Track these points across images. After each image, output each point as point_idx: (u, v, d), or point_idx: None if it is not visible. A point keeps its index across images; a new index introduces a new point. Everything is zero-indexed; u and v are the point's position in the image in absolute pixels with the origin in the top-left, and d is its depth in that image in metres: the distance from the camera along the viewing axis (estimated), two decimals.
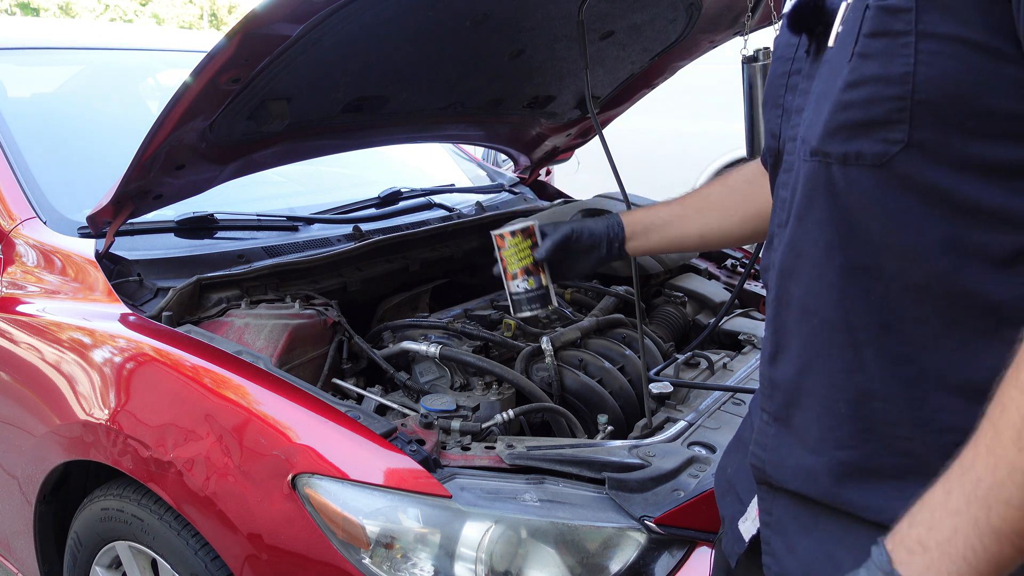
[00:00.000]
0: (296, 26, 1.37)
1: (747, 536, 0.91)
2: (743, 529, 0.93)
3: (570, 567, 1.17)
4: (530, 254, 1.22)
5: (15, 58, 2.28)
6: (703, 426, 1.48)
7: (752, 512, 0.91)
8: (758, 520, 0.88)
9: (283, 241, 1.93)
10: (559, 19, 1.86)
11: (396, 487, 1.20)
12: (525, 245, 1.24)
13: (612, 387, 1.70)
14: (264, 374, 1.37)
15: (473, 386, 1.64)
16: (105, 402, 1.46)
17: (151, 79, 2.58)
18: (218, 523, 1.28)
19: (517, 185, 2.84)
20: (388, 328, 1.85)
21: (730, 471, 1.01)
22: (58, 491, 1.66)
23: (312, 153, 2.04)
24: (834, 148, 0.71)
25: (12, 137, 1.89)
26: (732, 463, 1.01)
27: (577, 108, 2.51)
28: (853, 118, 0.69)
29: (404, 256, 2.17)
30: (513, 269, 1.24)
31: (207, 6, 26.61)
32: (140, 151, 1.49)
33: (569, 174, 5.47)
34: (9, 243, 1.77)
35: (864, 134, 0.68)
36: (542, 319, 2.00)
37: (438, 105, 2.12)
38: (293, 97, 1.67)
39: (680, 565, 1.20)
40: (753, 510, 0.90)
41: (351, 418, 1.27)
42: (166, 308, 1.57)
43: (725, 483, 1.01)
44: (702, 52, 2.35)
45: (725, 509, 0.99)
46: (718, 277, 2.43)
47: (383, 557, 1.18)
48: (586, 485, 1.26)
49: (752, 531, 0.90)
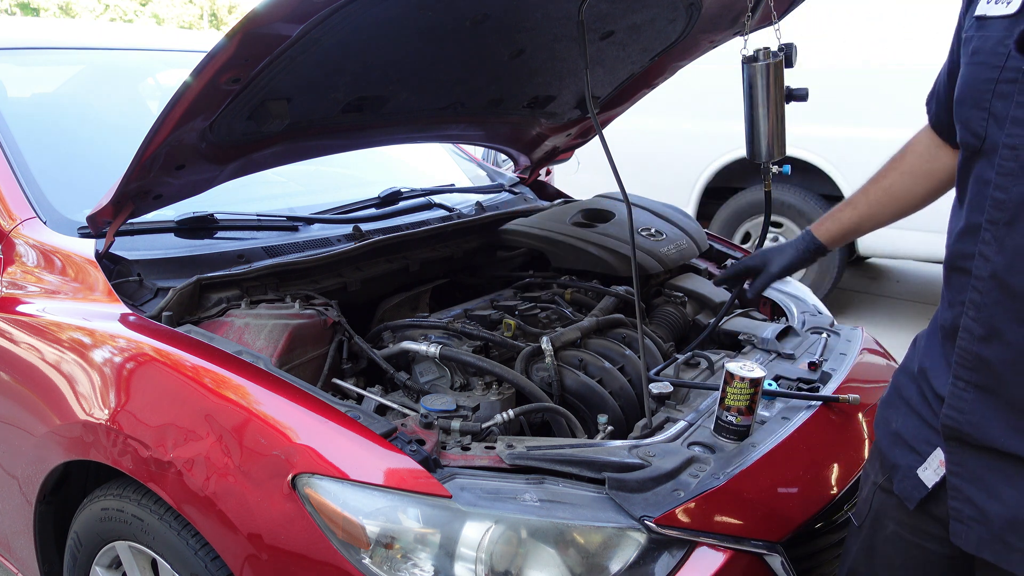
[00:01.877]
0: (296, 26, 1.37)
1: (930, 483, 1.08)
2: (924, 477, 1.09)
3: (570, 567, 1.17)
4: (750, 398, 1.41)
5: (15, 58, 2.28)
6: (703, 426, 1.48)
7: (934, 463, 1.07)
8: (942, 470, 1.05)
9: (283, 241, 1.93)
10: (559, 19, 1.86)
11: (396, 487, 1.20)
12: (750, 391, 1.41)
13: (612, 387, 1.70)
14: (264, 374, 1.37)
15: (473, 386, 1.64)
16: (105, 402, 1.46)
17: (151, 79, 2.58)
18: (218, 523, 1.28)
19: (517, 185, 2.84)
20: (388, 328, 1.85)
21: (895, 425, 1.16)
22: (58, 491, 1.66)
23: (312, 153, 2.04)
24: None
25: (12, 137, 1.89)
26: (895, 419, 1.17)
27: (577, 108, 2.51)
28: None
29: (404, 256, 2.17)
30: (729, 403, 1.43)
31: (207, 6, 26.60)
32: (140, 151, 1.49)
33: (569, 174, 5.48)
34: (9, 243, 1.77)
35: None
36: (542, 319, 2.00)
37: (438, 105, 2.12)
38: (293, 97, 1.67)
39: (680, 565, 1.20)
40: (935, 461, 1.06)
41: (351, 418, 1.27)
42: (166, 308, 1.57)
43: (891, 436, 1.17)
44: (702, 52, 2.35)
45: (897, 458, 1.15)
46: None
47: (383, 557, 1.18)
48: (586, 485, 1.26)
49: (935, 479, 1.06)
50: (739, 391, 1.42)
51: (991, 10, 0.97)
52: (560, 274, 2.34)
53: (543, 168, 2.92)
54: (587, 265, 2.26)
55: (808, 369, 1.76)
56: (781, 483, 1.39)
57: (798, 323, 2.08)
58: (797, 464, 1.46)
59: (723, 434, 1.44)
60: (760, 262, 1.68)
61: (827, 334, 2.00)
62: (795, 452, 1.46)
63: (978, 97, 0.97)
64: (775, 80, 1.77)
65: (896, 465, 1.16)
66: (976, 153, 0.99)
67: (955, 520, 1.04)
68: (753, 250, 2.27)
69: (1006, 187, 0.93)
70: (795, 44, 1.82)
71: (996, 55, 0.94)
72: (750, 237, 5.11)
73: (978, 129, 0.98)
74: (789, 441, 1.47)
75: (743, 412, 1.42)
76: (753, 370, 1.43)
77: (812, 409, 1.58)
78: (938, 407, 1.06)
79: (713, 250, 2.57)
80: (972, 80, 0.99)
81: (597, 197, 2.62)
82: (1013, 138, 0.91)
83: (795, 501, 1.37)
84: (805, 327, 2.05)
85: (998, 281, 0.95)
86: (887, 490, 1.19)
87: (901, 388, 1.19)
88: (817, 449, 1.52)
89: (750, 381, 1.41)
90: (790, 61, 1.81)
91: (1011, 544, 0.99)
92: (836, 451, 1.50)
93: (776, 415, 1.55)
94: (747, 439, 1.43)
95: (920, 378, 1.13)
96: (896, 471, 1.16)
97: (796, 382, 1.69)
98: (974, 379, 1.00)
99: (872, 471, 1.25)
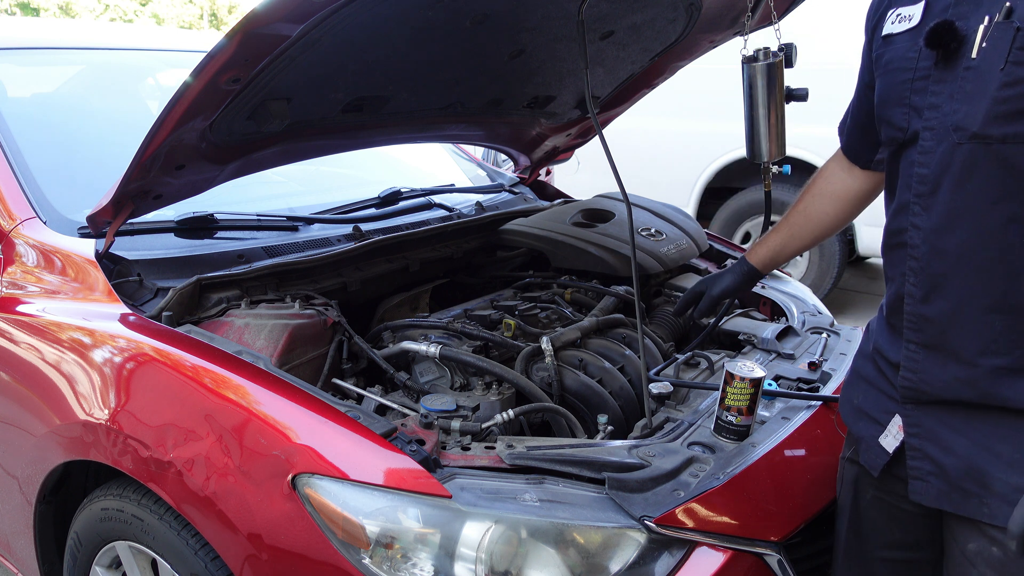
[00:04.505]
0: (296, 26, 1.37)
1: (891, 449, 1.17)
2: (885, 444, 1.19)
3: (570, 567, 1.17)
4: (750, 398, 1.42)
5: (15, 58, 2.28)
6: (703, 426, 1.48)
7: (893, 429, 1.17)
8: (901, 434, 1.15)
9: (283, 241, 1.93)
10: (559, 19, 1.86)
11: (396, 487, 1.20)
12: (750, 391, 1.42)
13: (612, 387, 1.70)
14: (264, 374, 1.37)
15: (473, 386, 1.64)
16: (105, 402, 1.46)
17: (151, 79, 2.58)
18: (218, 523, 1.28)
19: (517, 185, 2.84)
20: (388, 328, 1.85)
21: (857, 402, 1.27)
22: (58, 491, 1.66)
23: (312, 153, 2.04)
24: (994, 131, 0.99)
25: (12, 137, 1.89)
26: (857, 395, 1.28)
27: (577, 108, 2.51)
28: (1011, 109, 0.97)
29: (404, 256, 2.17)
30: (729, 403, 1.43)
31: (207, 6, 26.60)
32: (140, 151, 1.49)
33: (569, 174, 5.48)
34: (9, 243, 1.77)
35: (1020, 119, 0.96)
36: (542, 319, 2.00)
37: (438, 105, 2.12)
38: (293, 97, 1.67)
39: (680, 565, 1.20)
40: (894, 427, 1.16)
41: (351, 418, 1.27)
42: (166, 308, 1.57)
43: (854, 411, 1.28)
44: (702, 52, 2.35)
45: (861, 431, 1.25)
46: None
47: (383, 557, 1.18)
48: (586, 485, 1.26)
49: (895, 444, 1.16)
50: (739, 391, 1.42)
51: (896, 28, 1.16)
52: (560, 274, 2.34)
53: (543, 168, 2.92)
54: (587, 265, 2.26)
55: (808, 369, 1.76)
56: (781, 483, 1.39)
57: (798, 323, 2.08)
58: (797, 464, 1.46)
59: (723, 434, 1.44)
60: (703, 288, 1.83)
61: (827, 334, 2.00)
62: (795, 452, 1.46)
63: (898, 96, 1.13)
64: (775, 80, 1.77)
65: (860, 437, 1.26)
66: (901, 145, 1.14)
67: (915, 479, 1.14)
68: None
69: (926, 163, 1.07)
70: (795, 44, 1.82)
71: (907, 59, 1.11)
72: (750, 237, 5.10)
73: (901, 122, 1.13)
74: (789, 441, 1.47)
75: (743, 412, 1.43)
76: (753, 370, 1.43)
77: (812, 409, 1.58)
78: (893, 376, 1.17)
79: (713, 250, 2.57)
80: (890, 84, 1.15)
81: (597, 197, 2.62)
82: (930, 121, 1.07)
83: (795, 501, 1.37)
84: (805, 327, 2.05)
85: (930, 245, 1.08)
86: (855, 461, 1.30)
87: (859, 368, 1.31)
88: (817, 449, 1.52)
89: (750, 381, 1.42)
90: (790, 61, 1.81)
91: (968, 491, 1.08)
92: (836, 451, 1.49)
93: (776, 415, 1.55)
94: (747, 439, 1.43)
95: (875, 355, 1.25)
96: (860, 443, 1.26)
97: (796, 382, 1.69)
98: (921, 339, 1.11)
99: (846, 451, 1.36)
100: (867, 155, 1.45)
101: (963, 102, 1.02)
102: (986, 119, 0.99)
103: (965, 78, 1.02)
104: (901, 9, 1.16)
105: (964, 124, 1.02)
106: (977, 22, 1.01)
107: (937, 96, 1.06)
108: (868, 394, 1.25)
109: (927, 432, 1.12)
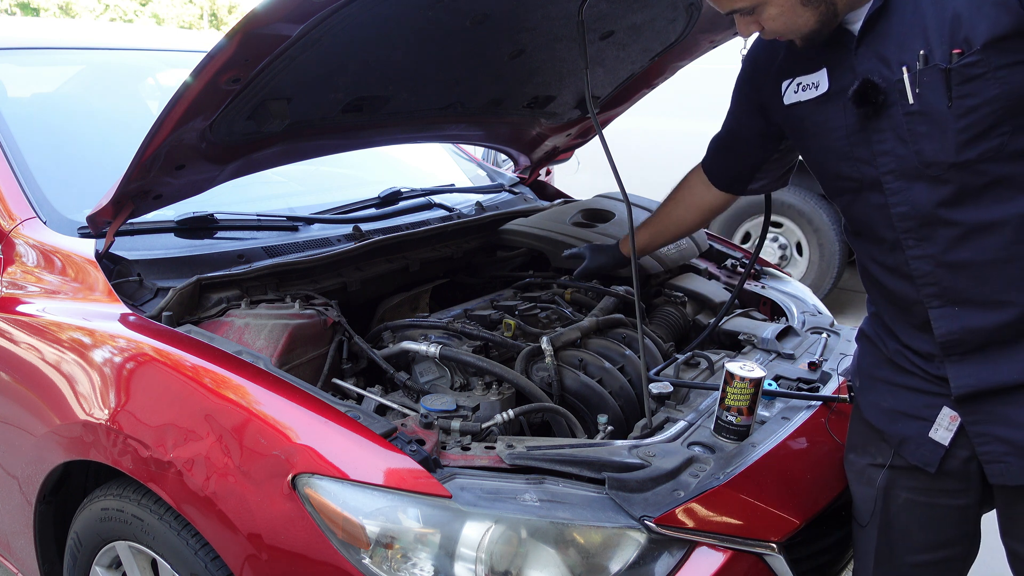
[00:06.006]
0: (296, 26, 1.37)
1: (945, 441, 1.21)
2: (938, 437, 1.22)
3: (570, 567, 1.17)
4: (750, 398, 1.43)
5: (15, 58, 2.28)
6: (703, 426, 1.48)
7: (944, 421, 1.20)
8: (955, 424, 1.19)
9: (283, 241, 1.93)
10: (559, 19, 1.86)
11: (396, 487, 1.20)
12: (750, 391, 1.43)
13: (612, 387, 1.70)
14: (264, 374, 1.37)
15: (473, 386, 1.64)
16: (105, 402, 1.46)
17: (151, 79, 2.58)
18: (218, 523, 1.28)
19: (517, 185, 2.84)
20: (388, 328, 1.85)
21: (887, 404, 1.29)
22: (58, 491, 1.66)
23: (312, 153, 2.04)
24: (970, 155, 1.08)
25: (12, 137, 1.89)
26: (885, 399, 1.30)
27: (577, 108, 2.51)
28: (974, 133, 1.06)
29: (404, 256, 2.17)
30: (729, 403, 1.44)
31: (207, 6, 26.60)
32: (140, 151, 1.49)
33: (569, 174, 5.48)
34: (9, 243, 1.77)
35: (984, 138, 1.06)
36: (542, 319, 2.00)
37: (438, 105, 2.12)
38: (293, 97, 1.67)
39: (680, 565, 1.20)
40: (945, 419, 1.20)
41: (351, 418, 1.27)
42: (166, 308, 1.57)
43: (888, 414, 1.29)
44: (702, 52, 2.35)
45: (903, 430, 1.26)
46: (718, 277, 2.43)
47: (383, 557, 1.18)
48: (586, 485, 1.26)
49: (949, 436, 1.20)
50: (739, 391, 1.42)
51: (803, 96, 1.25)
52: (560, 274, 2.34)
53: (543, 168, 2.92)
54: None
55: (808, 369, 1.77)
56: (781, 483, 1.39)
57: (798, 323, 2.08)
58: (797, 464, 1.46)
59: (723, 434, 1.44)
60: (586, 253, 2.03)
61: (827, 334, 2.00)
62: (795, 452, 1.46)
63: (839, 153, 1.22)
64: None
65: (905, 437, 1.26)
66: (858, 192, 1.22)
67: (990, 463, 1.17)
68: (752, 250, 2.27)
69: (901, 202, 1.15)
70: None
71: (833, 119, 1.20)
72: (750, 237, 5.10)
73: (852, 173, 1.21)
74: (789, 441, 1.47)
75: (743, 412, 1.43)
76: (753, 370, 1.43)
77: (812, 409, 1.58)
78: (931, 368, 1.21)
79: (713, 250, 2.57)
80: (825, 145, 1.24)
81: (597, 197, 2.62)
82: (887, 165, 1.15)
83: (795, 501, 1.37)
84: (805, 327, 2.06)
85: (944, 267, 1.14)
86: (895, 467, 1.30)
87: (874, 373, 1.34)
88: (817, 449, 1.52)
89: (750, 381, 1.42)
90: None
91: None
92: (836, 451, 1.50)
93: (776, 415, 1.55)
94: (747, 439, 1.43)
95: (898, 356, 1.27)
96: (906, 443, 1.26)
97: (796, 382, 1.69)
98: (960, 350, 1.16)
99: (865, 458, 1.36)
100: (724, 180, 1.66)
101: (921, 142, 1.11)
102: (958, 148, 1.08)
103: (912, 121, 1.11)
104: (801, 78, 1.25)
105: (938, 159, 1.10)
106: (893, 75, 1.11)
107: (882, 144, 1.15)
108: (899, 396, 1.27)
109: (989, 416, 1.15)
